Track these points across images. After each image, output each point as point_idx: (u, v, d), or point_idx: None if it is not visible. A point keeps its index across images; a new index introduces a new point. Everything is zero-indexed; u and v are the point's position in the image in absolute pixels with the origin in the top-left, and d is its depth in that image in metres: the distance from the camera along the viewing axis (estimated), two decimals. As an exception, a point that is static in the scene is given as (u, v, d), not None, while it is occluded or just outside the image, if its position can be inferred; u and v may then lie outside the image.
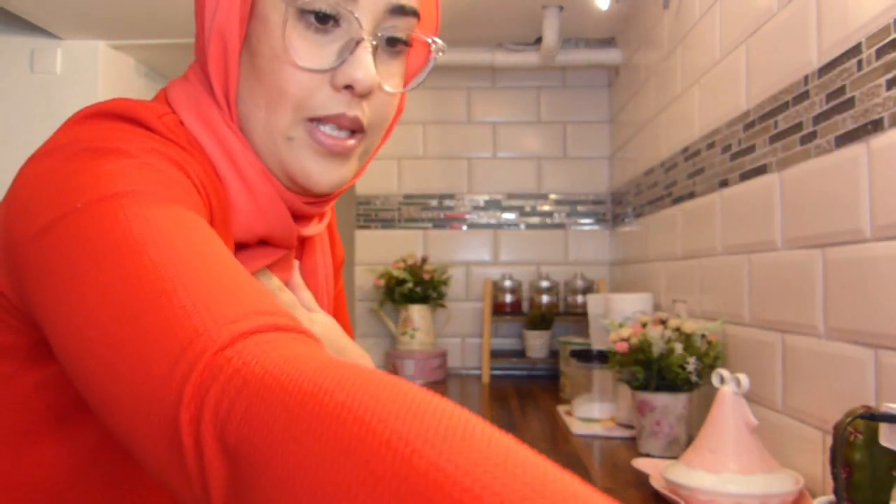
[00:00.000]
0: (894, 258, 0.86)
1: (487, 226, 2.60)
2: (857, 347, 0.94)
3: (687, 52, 1.62)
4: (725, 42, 1.39)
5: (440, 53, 0.63)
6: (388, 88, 0.59)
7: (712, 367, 1.32)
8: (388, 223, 2.61)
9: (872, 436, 0.74)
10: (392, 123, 0.65)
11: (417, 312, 2.39)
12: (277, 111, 0.56)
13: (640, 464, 1.22)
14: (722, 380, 1.08)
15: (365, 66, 0.55)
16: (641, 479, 1.20)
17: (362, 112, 0.57)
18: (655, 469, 1.17)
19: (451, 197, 2.61)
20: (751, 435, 1.02)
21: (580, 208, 2.59)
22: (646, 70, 2.01)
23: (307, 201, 0.61)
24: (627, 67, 2.28)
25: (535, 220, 2.60)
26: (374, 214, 2.60)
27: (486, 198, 2.61)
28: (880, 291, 0.89)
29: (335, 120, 0.56)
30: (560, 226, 2.59)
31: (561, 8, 2.16)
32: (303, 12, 0.54)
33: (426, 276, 2.37)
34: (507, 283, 2.45)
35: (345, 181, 0.60)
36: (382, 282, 2.41)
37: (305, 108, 0.56)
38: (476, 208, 2.61)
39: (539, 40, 2.37)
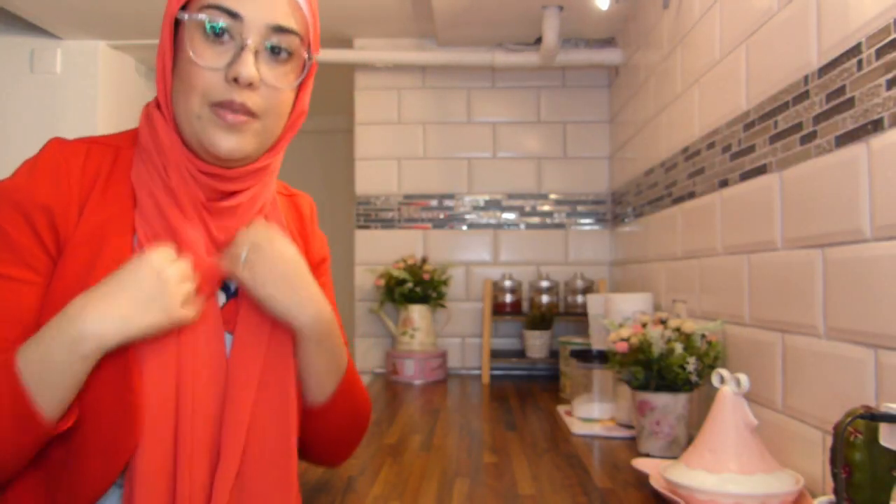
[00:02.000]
0: (894, 258, 0.86)
1: (487, 226, 2.60)
2: (857, 347, 0.94)
3: (687, 52, 1.62)
4: (725, 42, 1.39)
5: (315, 61, 0.85)
6: (270, 82, 0.79)
7: (712, 367, 1.32)
8: (388, 223, 2.61)
9: (872, 436, 0.74)
10: (293, 117, 0.86)
11: (417, 312, 2.39)
12: (189, 99, 0.78)
13: (640, 464, 1.22)
14: (722, 380, 1.08)
15: (246, 65, 0.76)
16: (641, 479, 1.20)
17: (250, 100, 0.78)
18: (655, 469, 1.17)
19: (451, 197, 2.61)
20: (751, 435, 1.02)
21: (580, 208, 2.59)
22: (646, 70, 2.01)
23: (221, 172, 0.81)
24: (627, 67, 2.28)
25: (535, 220, 2.60)
26: (373, 214, 2.60)
27: (486, 198, 2.61)
28: (880, 291, 0.89)
29: (228, 105, 0.77)
30: (560, 226, 2.59)
31: (561, 8, 2.16)
32: (206, 33, 0.77)
33: (426, 276, 2.37)
34: (507, 283, 2.45)
35: (242, 149, 0.79)
36: (382, 282, 2.41)
37: (207, 95, 0.77)
38: (476, 208, 2.61)
39: (539, 40, 2.37)
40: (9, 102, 2.29)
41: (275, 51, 0.79)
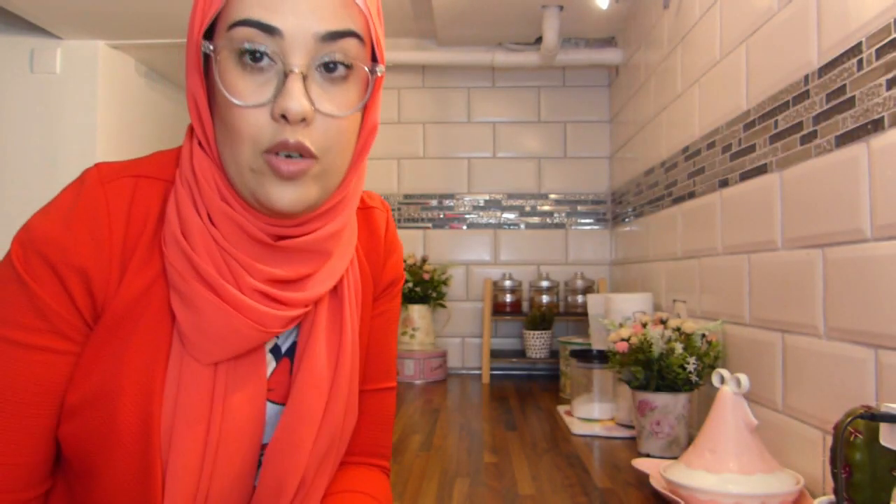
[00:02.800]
0: (894, 258, 0.86)
1: (487, 226, 2.60)
2: (857, 347, 0.93)
3: (687, 52, 1.62)
4: (725, 42, 1.39)
5: (380, 73, 0.67)
6: (326, 111, 0.62)
7: (712, 367, 1.32)
8: (388, 223, 2.60)
9: (872, 436, 0.74)
10: (363, 137, 0.69)
11: (417, 312, 2.39)
12: (237, 148, 0.63)
13: (640, 464, 1.22)
14: (722, 380, 1.08)
15: (294, 97, 0.60)
16: (641, 479, 1.20)
17: (306, 137, 0.62)
18: (655, 469, 1.17)
19: (451, 197, 2.61)
20: (751, 435, 1.02)
21: (580, 208, 2.59)
22: (646, 70, 2.01)
23: (279, 223, 0.67)
24: (627, 67, 2.28)
25: (535, 219, 2.59)
26: (374, 214, 2.60)
27: (486, 198, 2.61)
28: (880, 291, 0.89)
29: (282, 147, 0.61)
30: (560, 226, 2.59)
31: (561, 8, 2.16)
32: (239, 55, 0.61)
33: (426, 276, 2.37)
34: (507, 283, 2.45)
35: (303, 201, 0.64)
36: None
37: (258, 142, 0.62)
38: (476, 208, 2.61)
39: (539, 40, 2.37)
40: (9, 102, 2.29)
41: (329, 67, 0.62)
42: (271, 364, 0.72)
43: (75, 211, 0.63)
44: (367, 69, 0.65)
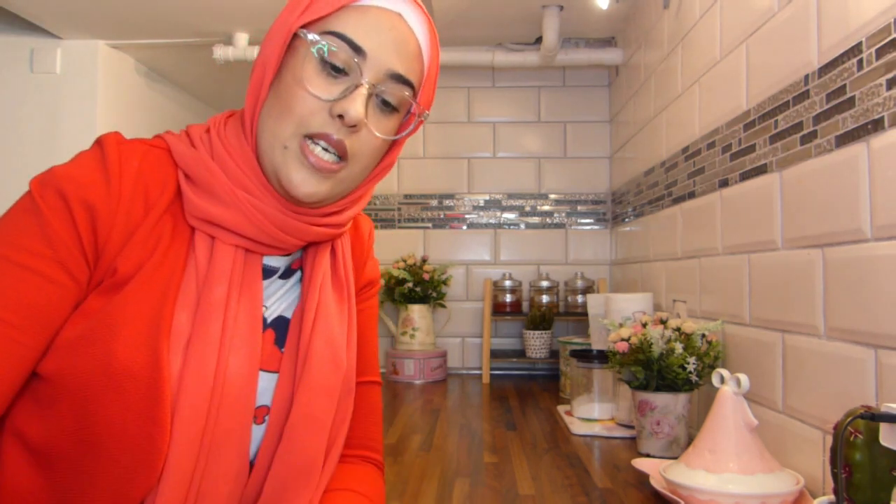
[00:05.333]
0: (894, 258, 0.86)
1: (487, 226, 2.60)
2: (857, 347, 0.94)
3: (687, 52, 1.62)
4: (725, 42, 1.39)
5: (423, 118, 0.78)
6: (373, 127, 0.72)
7: (712, 367, 1.32)
8: (388, 223, 2.61)
9: (872, 436, 0.74)
10: (381, 167, 0.79)
11: (417, 312, 2.39)
12: (282, 122, 0.70)
13: (640, 464, 1.22)
14: (722, 380, 1.08)
15: (357, 104, 0.69)
16: (641, 479, 1.20)
17: (348, 140, 0.71)
18: (655, 469, 1.17)
19: (451, 197, 2.61)
20: (751, 435, 1.02)
21: (580, 208, 2.59)
22: (646, 70, 2.01)
23: (290, 208, 0.74)
24: (627, 67, 2.28)
25: (535, 219, 2.59)
26: (373, 214, 2.60)
27: (486, 198, 2.61)
28: (880, 291, 0.89)
29: (325, 138, 0.70)
30: (560, 226, 2.59)
31: (561, 8, 2.16)
32: (324, 61, 0.70)
33: (426, 276, 2.37)
34: (507, 283, 2.45)
35: (320, 195, 0.72)
36: (382, 282, 2.41)
37: (304, 124, 0.70)
38: (476, 208, 2.61)
39: (539, 40, 2.37)
40: (9, 102, 2.29)
41: (385, 103, 0.73)
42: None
43: (93, 161, 0.69)
44: (416, 114, 0.77)
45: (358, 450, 0.86)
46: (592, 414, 1.67)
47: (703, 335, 1.35)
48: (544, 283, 2.44)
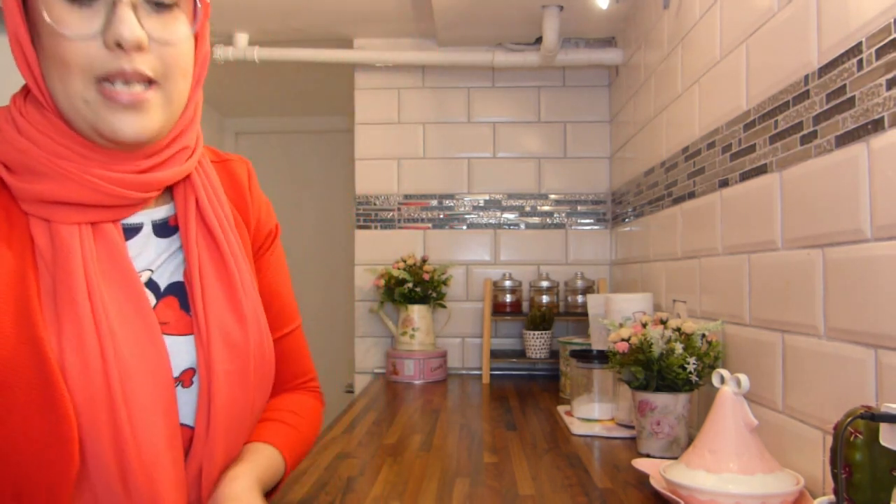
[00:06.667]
0: (894, 258, 0.86)
1: (487, 226, 2.60)
2: (857, 347, 0.94)
3: (687, 52, 1.62)
4: (725, 42, 1.39)
5: (202, 6, 0.71)
6: (160, 37, 0.65)
7: (712, 367, 1.32)
8: (387, 223, 2.61)
9: (872, 436, 0.74)
10: (199, 66, 0.72)
11: (417, 312, 2.39)
12: (68, 80, 0.64)
13: (640, 464, 1.22)
14: (722, 380, 1.08)
15: (127, 23, 0.62)
16: (641, 479, 1.20)
17: (145, 64, 0.64)
18: (655, 469, 1.17)
19: (451, 197, 2.61)
20: (751, 435, 1.02)
21: (580, 208, 2.59)
22: (646, 70, 2.01)
23: (125, 157, 0.69)
24: (627, 67, 2.28)
25: (535, 220, 2.60)
26: (373, 214, 2.60)
27: (486, 198, 2.61)
28: (880, 291, 0.89)
29: (119, 75, 0.63)
30: (560, 226, 2.59)
31: (561, 8, 2.16)
32: None
33: (426, 276, 2.37)
34: (507, 283, 2.45)
35: (148, 129, 0.67)
36: (382, 282, 2.41)
37: (90, 70, 0.63)
38: (476, 208, 2.61)
39: (539, 40, 2.37)
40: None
41: (157, 3, 0.66)
42: (152, 298, 0.73)
43: None
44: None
45: (292, 384, 0.90)
46: (592, 414, 1.67)
47: (703, 335, 1.35)
48: (544, 284, 2.44)
